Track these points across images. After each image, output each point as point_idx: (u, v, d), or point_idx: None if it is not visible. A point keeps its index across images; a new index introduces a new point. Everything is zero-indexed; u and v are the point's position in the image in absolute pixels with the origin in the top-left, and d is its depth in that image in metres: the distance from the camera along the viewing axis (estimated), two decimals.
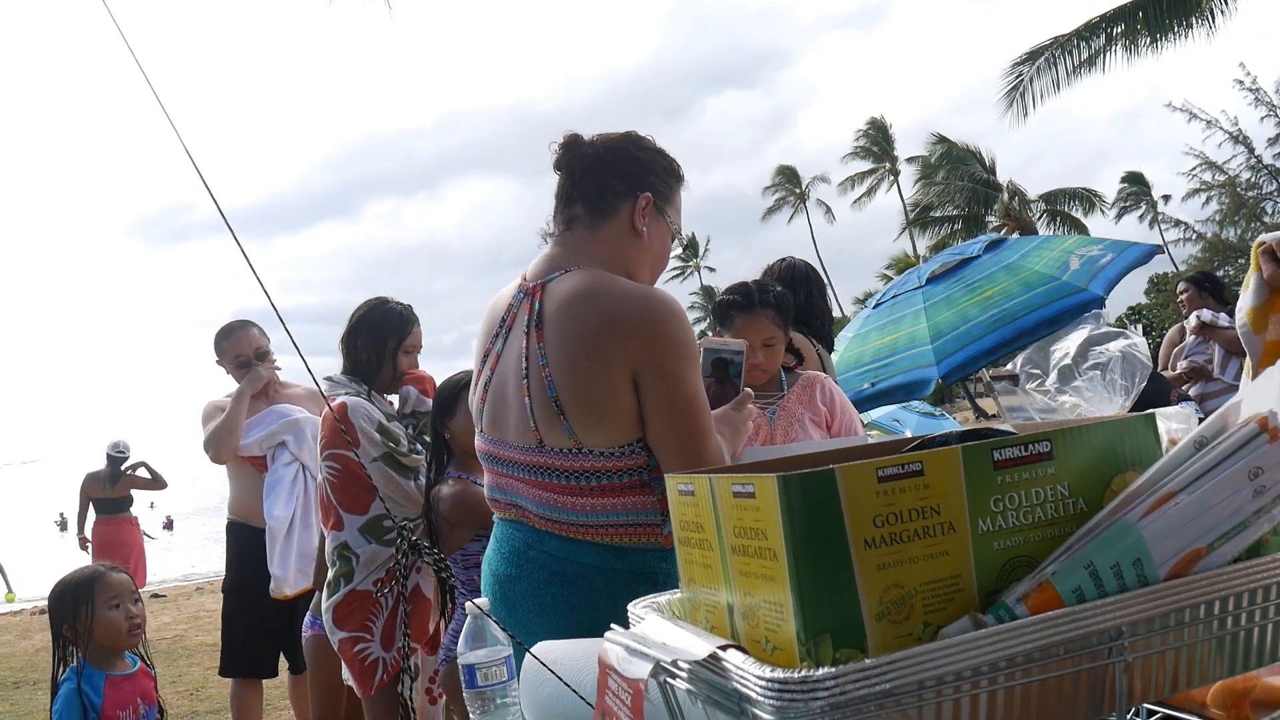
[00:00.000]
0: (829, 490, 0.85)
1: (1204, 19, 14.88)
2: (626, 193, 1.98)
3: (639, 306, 1.83)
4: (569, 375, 1.83)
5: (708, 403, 1.89)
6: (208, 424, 4.18)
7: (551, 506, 1.90)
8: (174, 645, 8.48)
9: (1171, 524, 0.91)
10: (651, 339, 1.80)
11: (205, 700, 6.30)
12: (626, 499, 1.85)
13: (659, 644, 0.93)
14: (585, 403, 1.82)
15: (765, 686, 0.81)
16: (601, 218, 1.98)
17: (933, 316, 5.76)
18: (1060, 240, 6.22)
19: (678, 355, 1.82)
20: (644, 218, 1.99)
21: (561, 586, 1.89)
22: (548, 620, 1.89)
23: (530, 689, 1.33)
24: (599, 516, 1.86)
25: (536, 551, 1.93)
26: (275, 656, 4.33)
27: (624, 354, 1.80)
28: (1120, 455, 0.98)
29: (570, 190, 2.00)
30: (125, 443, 9.89)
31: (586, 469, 1.85)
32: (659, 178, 2.04)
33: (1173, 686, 0.97)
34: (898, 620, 0.87)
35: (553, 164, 2.04)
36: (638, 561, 1.87)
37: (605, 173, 1.99)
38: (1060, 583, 0.88)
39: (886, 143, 45.62)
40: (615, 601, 1.67)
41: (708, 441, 1.84)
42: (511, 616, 1.93)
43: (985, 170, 35.23)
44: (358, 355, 3.27)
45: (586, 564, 1.88)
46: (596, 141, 2.03)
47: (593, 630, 1.83)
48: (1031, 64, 16.71)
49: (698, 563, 1.03)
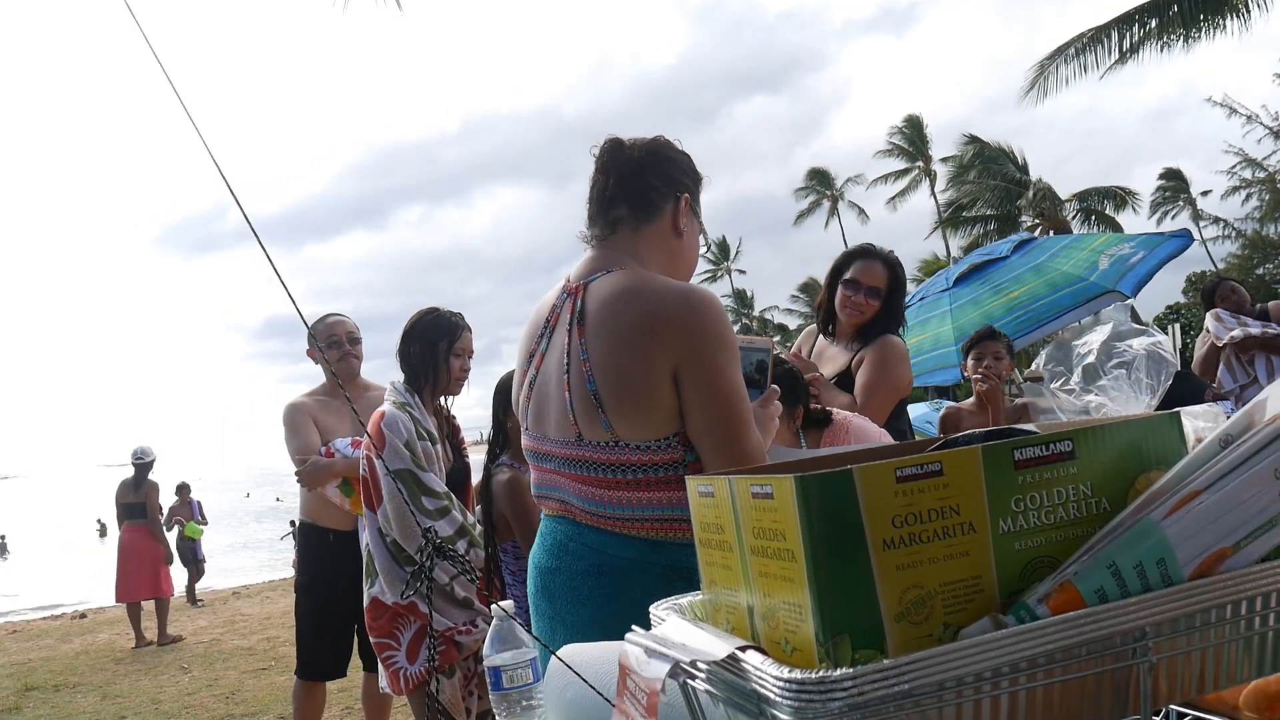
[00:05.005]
0: (847, 491, 0.85)
1: (1238, 13, 14.68)
2: (668, 193, 2.05)
3: (681, 301, 1.87)
4: (609, 368, 1.86)
5: (748, 397, 1.91)
6: (294, 435, 4.17)
7: (593, 500, 1.93)
8: (211, 649, 8.58)
9: (1196, 523, 0.90)
10: (693, 332, 1.84)
11: (241, 703, 6.37)
12: (663, 494, 1.88)
13: (679, 645, 0.93)
14: (623, 395, 1.85)
15: (783, 687, 0.80)
16: (646, 219, 2.04)
17: (958, 318, 5.73)
18: (1091, 239, 6.16)
19: (719, 348, 1.85)
20: (684, 217, 2.07)
21: (599, 579, 1.92)
22: (584, 611, 1.93)
23: (555, 691, 1.34)
24: (636, 510, 1.89)
25: (576, 544, 1.97)
26: (344, 659, 4.34)
27: (665, 347, 1.83)
28: (1144, 454, 0.97)
29: (615, 193, 2.05)
30: (146, 448, 10.00)
31: (623, 462, 1.88)
32: (691, 179, 2.12)
33: (1199, 688, 0.95)
34: (917, 621, 0.87)
35: (596, 167, 2.09)
36: (673, 556, 1.89)
37: (647, 174, 2.05)
38: (1082, 583, 0.88)
39: (921, 141, 45.29)
40: (650, 594, 1.68)
41: (749, 434, 1.87)
42: (551, 608, 1.99)
43: (1018, 169, 34.94)
44: (412, 362, 3.43)
45: (624, 557, 1.91)
46: (636, 144, 2.09)
47: (628, 623, 1.88)
48: (1061, 55, 16.57)
49: (718, 564, 1.03)
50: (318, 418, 4.19)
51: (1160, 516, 0.90)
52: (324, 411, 4.22)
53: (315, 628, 4.26)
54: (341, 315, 4.35)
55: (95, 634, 10.21)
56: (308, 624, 4.29)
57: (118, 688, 7.26)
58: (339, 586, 4.11)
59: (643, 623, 1.91)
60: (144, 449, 9.97)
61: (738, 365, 1.90)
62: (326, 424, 4.19)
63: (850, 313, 3.54)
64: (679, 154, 2.12)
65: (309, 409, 4.22)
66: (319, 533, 4.24)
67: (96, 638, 9.93)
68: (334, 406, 4.22)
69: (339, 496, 4.07)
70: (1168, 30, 15.23)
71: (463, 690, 3.27)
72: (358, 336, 4.31)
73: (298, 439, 4.14)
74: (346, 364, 4.22)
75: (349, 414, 4.15)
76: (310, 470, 4.06)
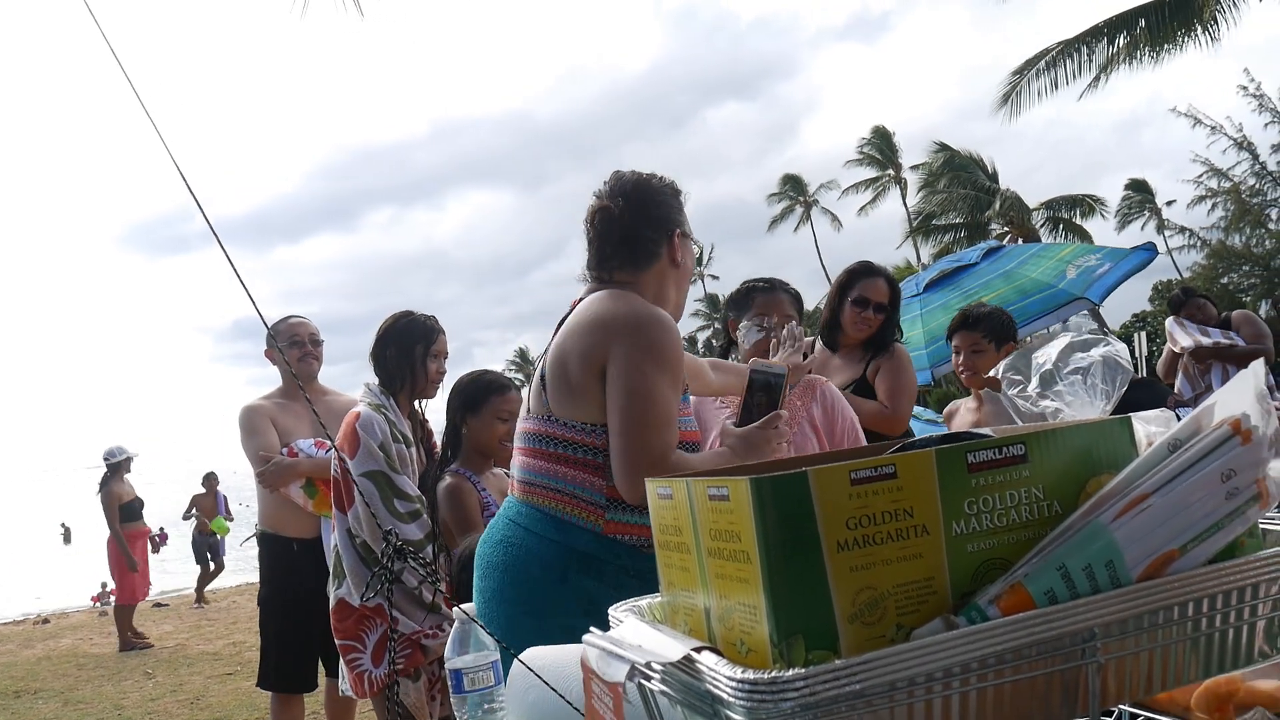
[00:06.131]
0: (801, 492, 0.86)
1: (1206, 28, 14.86)
2: (660, 238, 2.21)
3: (630, 312, 2.06)
4: (558, 355, 2.10)
5: (666, 404, 2.03)
6: (252, 436, 4.11)
7: (525, 469, 2.15)
8: (175, 654, 8.48)
9: (1144, 526, 0.92)
10: (627, 336, 2.02)
11: (205, 709, 6.31)
12: (577, 473, 2.07)
13: (635, 646, 0.94)
14: (560, 376, 2.09)
15: (736, 687, 0.81)
16: (645, 267, 2.21)
17: (928, 323, 5.78)
18: (1059, 249, 6.24)
19: (647, 354, 2.01)
20: (678, 251, 2.24)
21: (505, 549, 2.11)
22: (491, 579, 2.12)
23: (517, 694, 1.34)
24: (553, 481, 2.09)
25: (502, 518, 2.19)
26: (312, 669, 4.27)
27: (603, 344, 2.03)
28: (1096, 458, 0.98)
29: (612, 255, 2.21)
30: (118, 448, 9.79)
31: (553, 435, 2.10)
32: (676, 209, 2.26)
33: (1148, 688, 0.97)
34: (871, 622, 0.87)
35: (588, 232, 2.23)
36: (576, 539, 2.05)
37: (639, 229, 2.19)
38: (1032, 584, 0.89)
39: (890, 150, 45.57)
40: (547, 571, 2.03)
41: (653, 435, 1.99)
42: (482, 580, 2.17)
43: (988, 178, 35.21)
44: (388, 366, 3.42)
45: (532, 531, 2.09)
46: (619, 199, 2.20)
47: (523, 595, 2.06)
48: (1031, 69, 16.73)
49: (676, 566, 1.04)
50: (276, 420, 4.14)
51: (1109, 519, 0.92)
52: (282, 414, 4.17)
53: (282, 641, 4.21)
54: (304, 318, 4.33)
55: (58, 639, 10.09)
56: (273, 637, 4.24)
57: (80, 693, 7.17)
58: (303, 597, 4.05)
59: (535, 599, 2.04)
60: (112, 449, 9.78)
61: (666, 376, 2.03)
62: (285, 426, 4.14)
63: (860, 327, 3.85)
64: (661, 190, 2.24)
65: (267, 411, 4.17)
66: (282, 543, 4.17)
67: (59, 643, 9.81)
68: (292, 409, 4.17)
69: (302, 497, 4.02)
70: (1137, 45, 15.40)
71: (428, 694, 3.25)
72: (320, 339, 4.28)
73: (257, 439, 4.09)
74: (306, 364, 4.18)
75: (308, 416, 4.10)
76: (274, 470, 4.01)
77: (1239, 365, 5.42)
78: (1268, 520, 1.04)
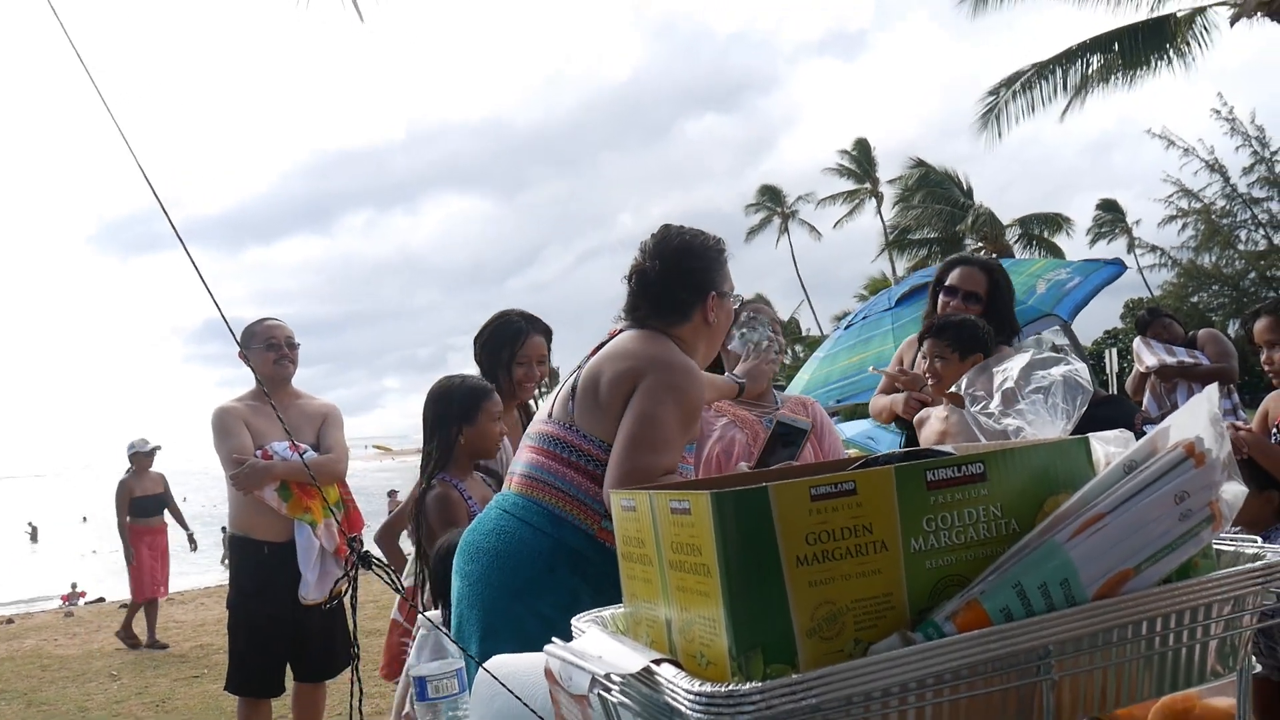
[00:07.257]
0: (762, 507, 0.87)
1: (1180, 52, 15.04)
2: (696, 300, 2.27)
3: (664, 353, 2.18)
4: (591, 371, 2.22)
5: (672, 436, 2.11)
6: (225, 438, 4.09)
7: (534, 465, 2.23)
8: (141, 656, 8.39)
9: (1099, 545, 0.93)
10: (654, 370, 2.13)
11: (171, 712, 6.24)
12: (585, 480, 2.16)
13: (595, 657, 0.94)
14: (588, 392, 2.19)
15: (693, 700, 0.82)
16: (678, 323, 2.28)
17: (900, 338, 5.80)
18: (1029, 264, 6.28)
19: (667, 389, 2.11)
20: (712, 311, 2.29)
21: (498, 538, 2.17)
22: (478, 562, 2.18)
23: (482, 702, 1.34)
24: (556, 480, 2.18)
25: (495, 509, 2.25)
26: (280, 674, 4.22)
27: (632, 372, 2.15)
28: (1053, 477, 1.00)
29: (649, 311, 2.28)
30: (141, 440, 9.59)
31: (570, 442, 2.19)
32: (717, 271, 2.31)
33: (1102, 705, 0.98)
34: (829, 636, 0.88)
35: (629, 286, 2.32)
36: (569, 535, 2.13)
37: (675, 290, 2.27)
38: (988, 602, 0.90)
39: (869, 163, 45.79)
40: (536, 560, 2.12)
41: (652, 456, 2.07)
42: (467, 564, 2.21)
43: (962, 194, 35.46)
44: (481, 369, 3.45)
45: (527, 522, 2.16)
46: (657, 261, 2.28)
47: (509, 580, 2.12)
48: (1008, 89, 16.87)
49: (639, 578, 1.04)
50: (249, 422, 4.11)
51: (1065, 538, 0.93)
52: (255, 416, 4.13)
53: (250, 645, 4.17)
54: (280, 320, 4.30)
55: (22, 640, 9.95)
56: (242, 641, 4.20)
57: (44, 695, 7.08)
58: (274, 601, 4.02)
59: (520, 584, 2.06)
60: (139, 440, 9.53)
61: (679, 415, 2.13)
62: (258, 428, 4.11)
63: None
64: (703, 252, 2.30)
65: (240, 413, 4.14)
66: (253, 546, 4.13)
67: (23, 644, 9.68)
68: (265, 411, 4.14)
69: (276, 500, 4.00)
70: (1111, 68, 15.56)
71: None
72: (295, 342, 4.26)
73: (231, 441, 4.06)
74: (282, 367, 4.15)
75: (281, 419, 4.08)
76: (249, 473, 3.98)
77: (1203, 384, 5.44)
78: (1221, 540, 1.06)
